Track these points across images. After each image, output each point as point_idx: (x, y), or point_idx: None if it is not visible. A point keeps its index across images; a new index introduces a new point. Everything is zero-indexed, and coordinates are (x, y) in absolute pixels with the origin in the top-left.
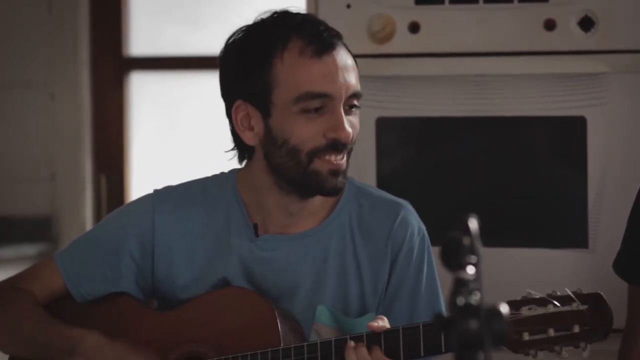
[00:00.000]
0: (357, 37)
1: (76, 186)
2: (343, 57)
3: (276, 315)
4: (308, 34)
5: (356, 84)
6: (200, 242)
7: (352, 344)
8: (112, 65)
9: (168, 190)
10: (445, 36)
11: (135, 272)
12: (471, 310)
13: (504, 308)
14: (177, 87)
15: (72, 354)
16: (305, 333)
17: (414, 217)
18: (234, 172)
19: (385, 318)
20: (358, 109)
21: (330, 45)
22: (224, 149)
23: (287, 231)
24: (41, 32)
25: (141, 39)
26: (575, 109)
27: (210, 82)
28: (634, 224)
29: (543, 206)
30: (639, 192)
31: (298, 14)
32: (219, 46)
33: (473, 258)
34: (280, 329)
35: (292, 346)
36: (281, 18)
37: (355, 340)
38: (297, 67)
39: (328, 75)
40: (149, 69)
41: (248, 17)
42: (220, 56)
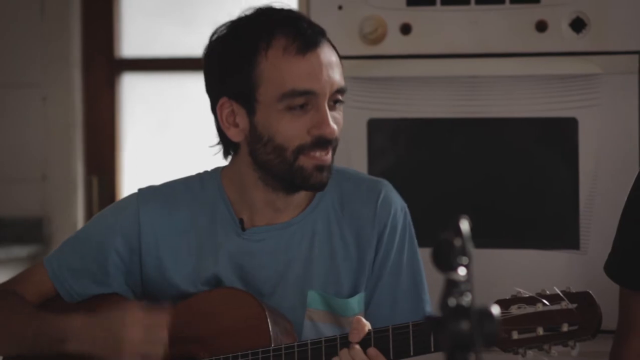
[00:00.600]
0: (349, 39)
1: (68, 188)
2: (327, 54)
3: (267, 315)
4: (292, 31)
5: (340, 80)
6: (187, 239)
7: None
8: (104, 66)
9: (152, 188)
10: (436, 37)
11: (123, 271)
12: (462, 311)
13: (495, 309)
14: (169, 89)
15: (64, 341)
16: (295, 333)
17: (395, 195)
18: (218, 170)
19: (362, 319)
20: (342, 104)
21: (314, 42)
22: (210, 144)
23: (273, 222)
24: (33, 34)
25: (133, 41)
26: (566, 110)
27: (201, 84)
28: (625, 226)
29: (534, 207)
30: (630, 194)
31: (282, 10)
32: None
33: (464, 259)
34: (271, 330)
35: (283, 346)
36: (265, 14)
37: (343, 340)
38: (282, 65)
39: (312, 72)
40: (141, 71)
41: (233, 13)
42: (204, 53)
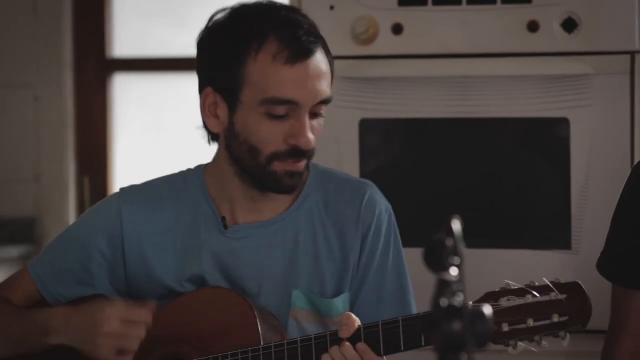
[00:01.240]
0: (341, 39)
1: (60, 188)
2: (317, 65)
3: (255, 314)
4: (286, 37)
5: (326, 90)
6: (171, 238)
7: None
8: (96, 67)
9: (134, 188)
10: (428, 38)
11: (107, 271)
12: (454, 311)
13: (487, 309)
14: (161, 89)
15: (47, 335)
16: (284, 330)
17: (380, 196)
18: (201, 168)
19: (352, 315)
20: (324, 109)
21: (306, 52)
22: (207, 147)
23: (256, 220)
24: (26, 34)
25: (125, 41)
26: (558, 111)
27: (194, 85)
28: (618, 224)
29: (526, 208)
30: (623, 192)
31: (282, 10)
32: None
33: (456, 259)
34: (260, 328)
35: (273, 344)
36: (264, 11)
37: (333, 337)
38: (268, 71)
39: (298, 83)
40: (133, 71)
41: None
42: (199, 37)
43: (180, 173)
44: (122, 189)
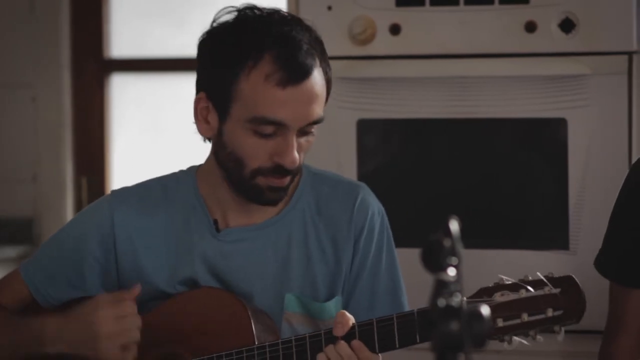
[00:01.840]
0: (338, 39)
1: (58, 188)
2: (310, 88)
3: (249, 314)
4: (282, 57)
5: (317, 113)
6: (164, 240)
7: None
8: (94, 67)
9: (126, 190)
10: (426, 38)
11: (99, 274)
12: (452, 311)
13: (485, 310)
14: (159, 89)
15: (41, 344)
16: (277, 329)
17: (373, 198)
18: (193, 169)
19: (346, 313)
20: (314, 128)
21: (299, 75)
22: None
23: (247, 223)
24: (23, 34)
25: (122, 41)
26: (556, 111)
27: (191, 85)
28: (615, 223)
29: (524, 208)
30: (621, 191)
31: (285, 24)
32: None
33: (454, 260)
34: (254, 328)
35: (267, 344)
36: (266, 23)
37: (328, 335)
38: (260, 90)
39: (287, 105)
40: (130, 71)
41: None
42: (201, 36)
43: (172, 174)
44: (114, 191)
